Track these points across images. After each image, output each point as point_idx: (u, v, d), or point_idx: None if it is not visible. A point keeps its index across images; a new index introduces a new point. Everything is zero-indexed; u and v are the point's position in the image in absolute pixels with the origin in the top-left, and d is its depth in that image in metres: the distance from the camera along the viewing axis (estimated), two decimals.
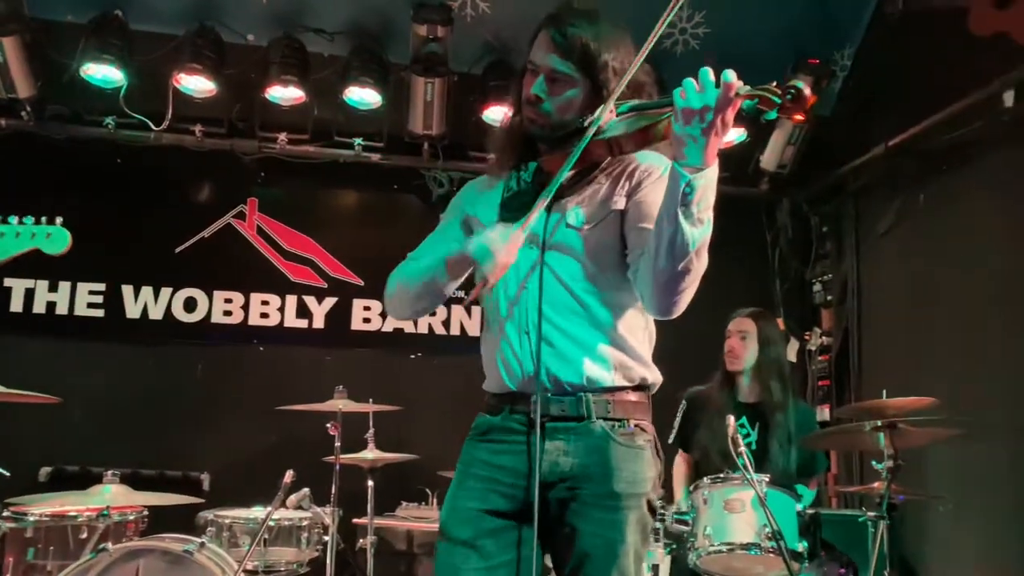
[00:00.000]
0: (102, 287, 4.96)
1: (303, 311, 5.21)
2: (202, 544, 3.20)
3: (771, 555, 3.09)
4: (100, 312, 4.95)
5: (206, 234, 5.13)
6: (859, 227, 5.23)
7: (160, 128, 4.81)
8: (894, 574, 3.21)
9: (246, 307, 5.14)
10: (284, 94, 4.76)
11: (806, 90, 1.58)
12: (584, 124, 1.83)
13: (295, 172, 5.16)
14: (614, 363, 1.89)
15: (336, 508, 3.89)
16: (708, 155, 1.62)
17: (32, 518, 3.33)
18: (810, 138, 5.20)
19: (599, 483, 1.84)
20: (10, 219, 2.69)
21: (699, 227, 1.66)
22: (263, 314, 5.16)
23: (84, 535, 3.34)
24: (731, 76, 1.58)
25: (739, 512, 3.18)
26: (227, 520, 3.77)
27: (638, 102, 1.88)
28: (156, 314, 5.01)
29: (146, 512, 3.60)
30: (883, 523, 3.17)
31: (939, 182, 4.50)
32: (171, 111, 4.75)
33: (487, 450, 1.93)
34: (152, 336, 4.98)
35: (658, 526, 3.49)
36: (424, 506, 4.50)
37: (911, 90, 4.66)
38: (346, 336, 5.23)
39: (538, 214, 1.80)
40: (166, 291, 5.04)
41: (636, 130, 1.81)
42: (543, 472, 1.84)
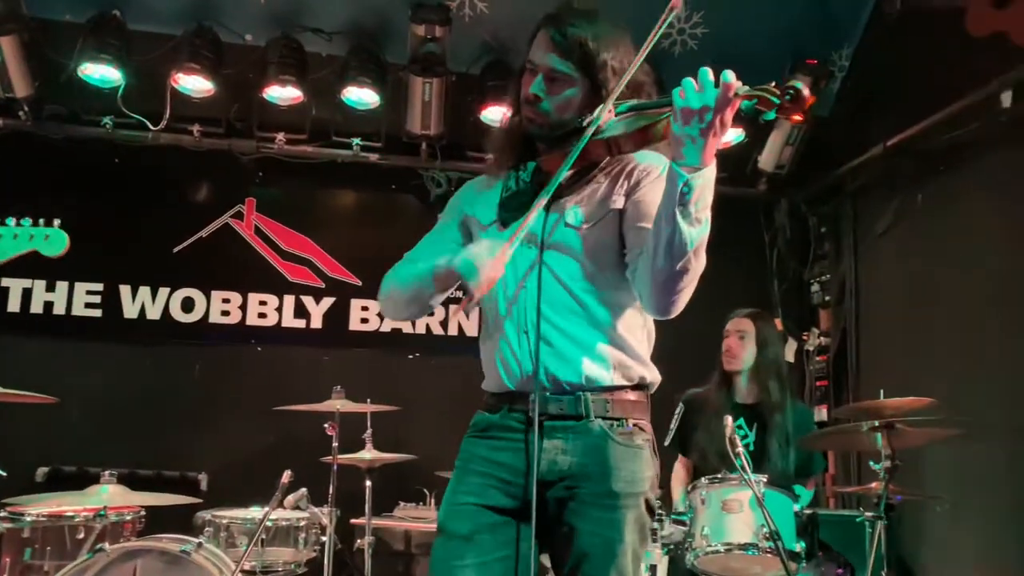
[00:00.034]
0: (100, 287, 4.96)
1: (301, 311, 5.20)
2: (199, 544, 3.20)
3: (768, 555, 3.09)
4: (98, 312, 4.94)
5: (204, 234, 5.13)
6: (857, 227, 5.23)
7: (158, 128, 4.81)
8: (891, 574, 3.20)
9: (244, 307, 5.14)
10: (282, 94, 4.76)
11: (805, 90, 1.58)
12: (583, 124, 1.83)
13: (293, 172, 5.16)
14: (613, 362, 1.89)
15: (334, 508, 3.88)
16: (706, 155, 1.63)
17: (29, 518, 3.32)
18: (808, 138, 5.20)
19: (597, 482, 1.84)
20: (8, 221, 2.68)
21: (697, 227, 1.66)
22: (261, 314, 5.15)
23: (81, 535, 3.34)
24: (730, 76, 1.58)
25: (737, 512, 3.18)
26: (225, 520, 3.76)
27: (637, 102, 1.88)
28: (154, 314, 5.01)
29: (143, 512, 3.59)
30: (881, 523, 3.17)
31: (937, 182, 4.50)
32: (169, 111, 4.75)
33: (486, 447, 1.93)
34: (150, 336, 4.97)
35: (656, 527, 3.49)
36: (422, 506, 4.49)
37: (909, 90, 4.66)
38: (344, 336, 5.22)
39: (532, 218, 1.79)
40: (164, 291, 5.03)
41: (635, 130, 1.81)
42: (541, 471, 1.84)
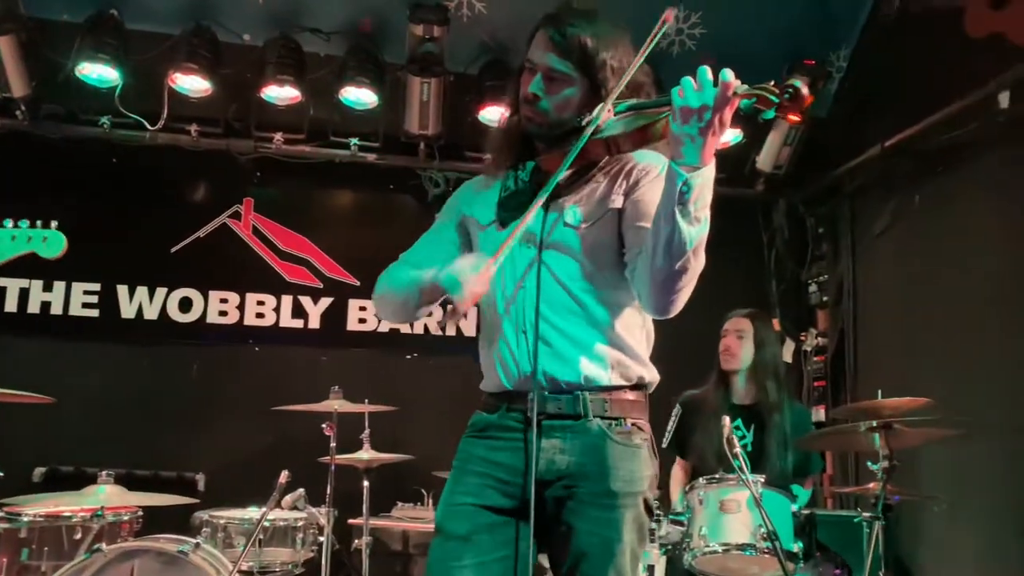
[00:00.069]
0: (97, 287, 4.95)
1: (299, 311, 5.19)
2: (197, 545, 3.20)
3: (766, 556, 3.09)
4: (95, 312, 4.93)
5: (201, 234, 5.12)
6: (855, 228, 5.23)
7: (156, 128, 4.80)
8: (889, 575, 3.21)
9: (241, 307, 5.13)
10: (280, 94, 4.75)
11: (804, 89, 1.58)
12: (582, 123, 1.83)
13: (291, 172, 5.15)
14: (611, 362, 1.89)
15: (331, 508, 3.88)
16: (705, 154, 1.63)
17: (26, 518, 3.31)
18: (806, 139, 5.20)
19: (596, 481, 1.84)
20: (5, 222, 2.68)
21: (696, 226, 1.66)
22: (259, 314, 5.14)
23: (78, 536, 3.33)
24: (729, 75, 1.58)
25: (735, 513, 3.18)
26: (222, 521, 3.76)
27: (636, 101, 1.88)
28: (151, 314, 5.00)
29: (141, 513, 3.59)
30: (878, 524, 3.17)
31: (935, 183, 4.50)
32: (167, 111, 4.74)
33: (484, 446, 1.93)
34: (147, 336, 4.96)
35: (654, 527, 3.49)
36: (420, 506, 4.49)
37: (907, 91, 4.66)
38: (342, 336, 5.22)
39: (530, 218, 1.78)
40: (161, 291, 5.02)
41: (634, 129, 1.81)
42: (539, 470, 1.84)
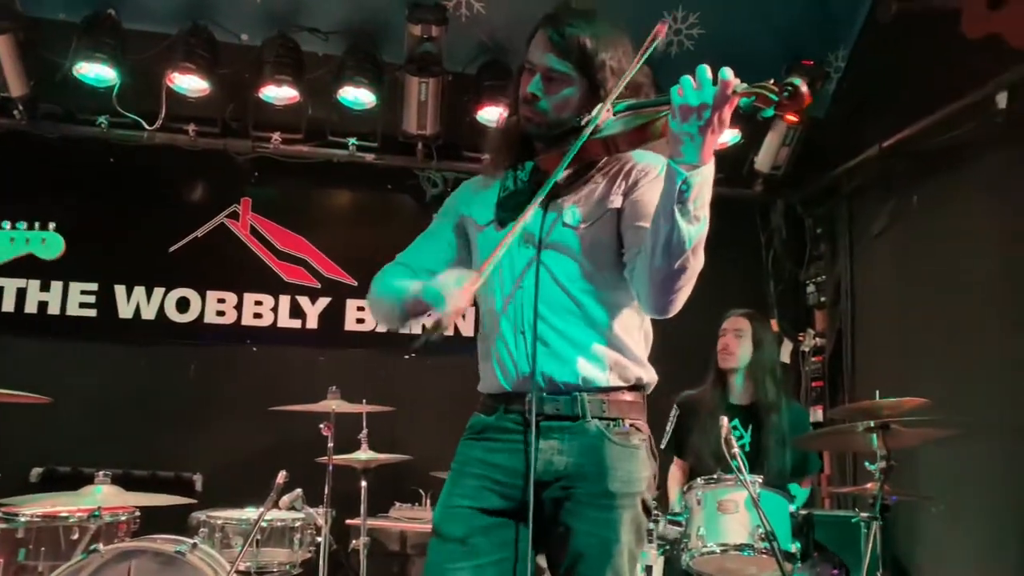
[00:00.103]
0: (94, 287, 4.93)
1: (296, 311, 5.19)
2: (194, 545, 3.19)
3: (764, 556, 3.10)
4: (92, 312, 4.92)
5: (199, 234, 5.11)
6: (853, 229, 5.24)
7: (153, 127, 4.79)
8: (887, 575, 3.21)
9: (239, 307, 5.12)
10: (278, 93, 4.74)
11: (803, 87, 1.58)
12: (581, 123, 1.83)
13: (289, 172, 5.14)
14: (609, 363, 1.89)
15: (329, 509, 3.88)
16: (705, 153, 1.62)
17: (23, 519, 3.30)
18: (804, 139, 5.20)
19: (594, 482, 1.83)
20: (3, 224, 2.68)
21: (695, 224, 1.66)
22: (256, 314, 5.14)
23: (75, 536, 3.32)
24: (728, 74, 1.58)
25: (732, 513, 3.18)
26: (219, 521, 3.76)
27: (635, 100, 1.88)
28: (149, 314, 4.99)
29: (138, 513, 3.58)
30: (876, 524, 3.17)
31: (933, 184, 4.51)
32: (164, 110, 4.72)
33: (482, 448, 1.93)
34: (145, 336, 4.95)
35: (652, 527, 3.48)
36: (417, 507, 4.49)
37: (905, 92, 4.67)
38: (340, 336, 5.21)
39: (523, 222, 1.77)
40: (159, 291, 5.01)
41: (633, 128, 1.81)
42: (537, 471, 1.83)
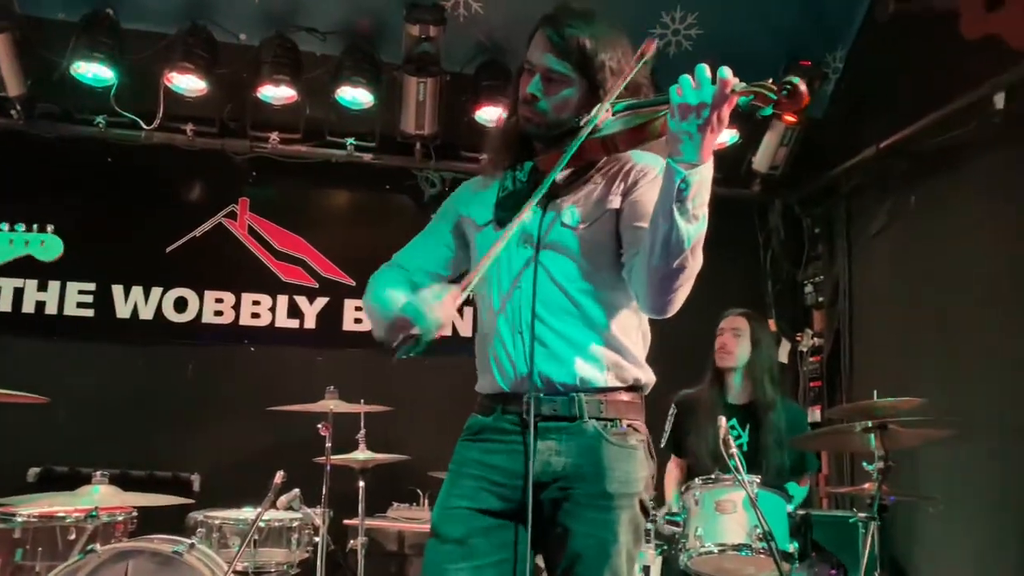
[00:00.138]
0: (92, 287, 4.92)
1: (294, 311, 5.18)
2: (192, 545, 3.18)
3: (762, 556, 3.09)
4: (90, 312, 4.91)
5: (197, 234, 5.10)
6: (851, 229, 5.24)
7: (151, 127, 4.79)
8: (884, 575, 3.21)
9: (237, 307, 5.11)
10: (276, 93, 4.74)
11: (802, 86, 1.58)
12: (580, 123, 1.83)
13: (287, 172, 5.14)
14: (607, 363, 1.89)
15: (327, 509, 3.88)
16: (704, 152, 1.62)
17: (20, 519, 3.29)
18: (802, 140, 5.20)
19: (591, 483, 1.83)
20: (1, 225, 2.68)
21: (694, 223, 1.66)
22: (254, 314, 5.13)
23: (72, 536, 3.31)
24: (727, 73, 1.58)
25: (730, 513, 3.18)
26: (217, 521, 3.75)
27: (634, 100, 1.88)
28: (146, 314, 4.98)
29: (135, 513, 3.57)
30: (874, 524, 3.17)
31: (930, 184, 4.51)
32: (162, 110, 4.71)
33: (479, 450, 1.93)
34: (142, 336, 4.95)
35: (649, 527, 3.49)
36: (415, 507, 4.49)
37: (902, 92, 4.67)
38: (337, 336, 5.20)
39: (516, 225, 1.77)
40: (156, 291, 5.00)
41: (632, 128, 1.81)
42: (535, 472, 1.83)
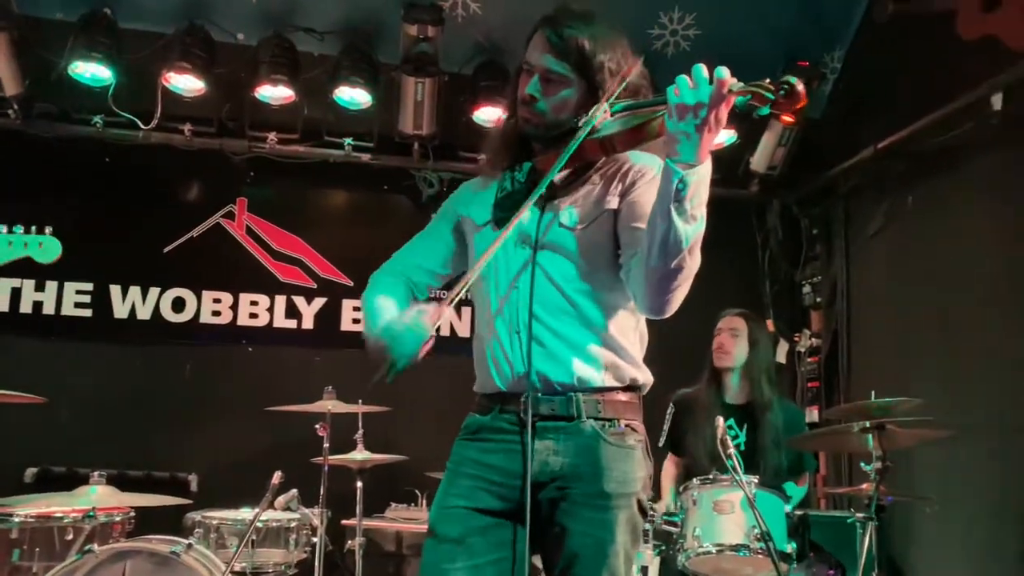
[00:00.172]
0: (90, 287, 4.92)
1: (292, 311, 5.18)
2: (189, 545, 3.18)
3: (760, 556, 3.10)
4: (88, 312, 4.91)
5: (195, 234, 5.10)
6: (848, 229, 5.25)
7: (149, 127, 4.78)
8: (882, 575, 3.22)
9: (235, 307, 5.11)
10: (274, 93, 4.74)
11: (799, 86, 1.58)
12: (579, 124, 1.83)
13: (285, 172, 5.14)
14: (605, 363, 1.89)
15: (324, 509, 3.87)
16: (701, 152, 1.62)
17: (17, 519, 3.29)
18: (800, 140, 5.20)
19: (589, 482, 1.83)
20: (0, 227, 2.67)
21: (692, 224, 1.65)
22: (252, 314, 5.13)
23: (70, 536, 3.31)
24: (724, 72, 1.58)
25: (728, 513, 3.18)
26: (215, 521, 3.75)
27: (632, 101, 1.88)
28: (144, 314, 4.98)
29: (133, 513, 3.57)
30: (871, 524, 3.17)
31: (928, 184, 4.52)
32: (160, 110, 4.71)
33: (477, 449, 1.93)
34: (140, 336, 4.94)
35: (647, 527, 3.48)
36: (413, 507, 4.48)
37: (900, 93, 4.68)
38: (335, 337, 5.20)
39: (512, 228, 1.78)
40: (154, 291, 5.00)
41: (630, 128, 1.81)
42: (533, 472, 1.83)
